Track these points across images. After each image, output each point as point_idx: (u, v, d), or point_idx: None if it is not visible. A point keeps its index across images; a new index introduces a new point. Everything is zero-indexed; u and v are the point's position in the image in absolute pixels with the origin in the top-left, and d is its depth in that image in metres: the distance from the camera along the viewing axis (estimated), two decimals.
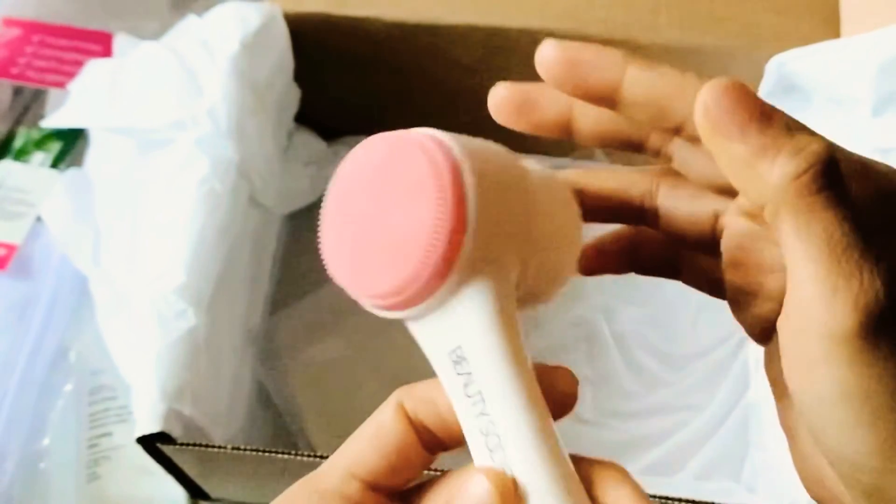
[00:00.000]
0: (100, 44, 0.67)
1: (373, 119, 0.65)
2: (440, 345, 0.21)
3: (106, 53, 0.66)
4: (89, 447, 0.49)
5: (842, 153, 0.21)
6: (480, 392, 0.21)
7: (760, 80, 0.52)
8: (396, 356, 0.24)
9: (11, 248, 0.56)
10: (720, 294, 0.26)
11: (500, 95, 0.24)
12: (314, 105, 0.61)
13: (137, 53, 0.53)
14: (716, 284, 0.26)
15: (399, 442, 0.22)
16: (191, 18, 0.54)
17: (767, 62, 0.51)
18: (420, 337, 0.22)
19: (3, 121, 0.64)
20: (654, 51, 0.54)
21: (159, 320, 0.44)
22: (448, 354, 0.21)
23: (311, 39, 0.57)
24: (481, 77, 0.59)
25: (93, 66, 0.54)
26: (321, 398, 0.55)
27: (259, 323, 0.56)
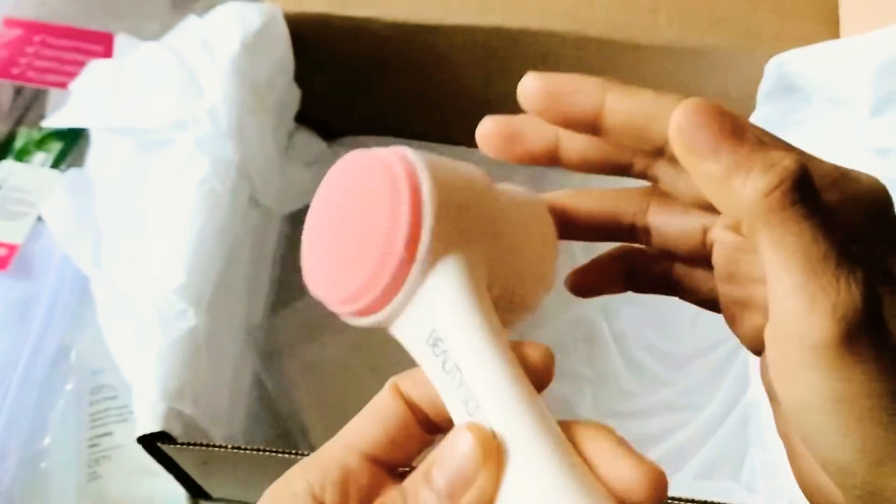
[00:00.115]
0: (101, 44, 0.67)
1: (373, 119, 0.66)
2: (418, 335, 0.22)
3: (107, 54, 0.66)
4: (90, 447, 0.50)
5: (818, 164, 0.21)
6: (456, 364, 0.21)
7: (760, 80, 0.52)
8: (396, 356, 0.24)
9: (12, 248, 0.56)
10: (716, 308, 0.27)
11: (487, 129, 0.25)
12: (314, 105, 0.61)
13: (138, 54, 0.53)
14: (711, 298, 0.27)
15: (396, 417, 0.23)
16: (191, 19, 0.54)
17: (767, 62, 0.51)
18: (401, 335, 0.23)
19: (4, 121, 0.64)
20: (654, 51, 0.54)
21: (160, 320, 0.44)
22: (426, 341, 0.22)
23: (312, 39, 0.57)
24: (481, 77, 0.59)
25: (94, 67, 0.54)
26: (321, 398, 0.55)
27: (259, 323, 0.56)
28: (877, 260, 0.21)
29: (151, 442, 0.41)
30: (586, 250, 0.28)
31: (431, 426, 0.24)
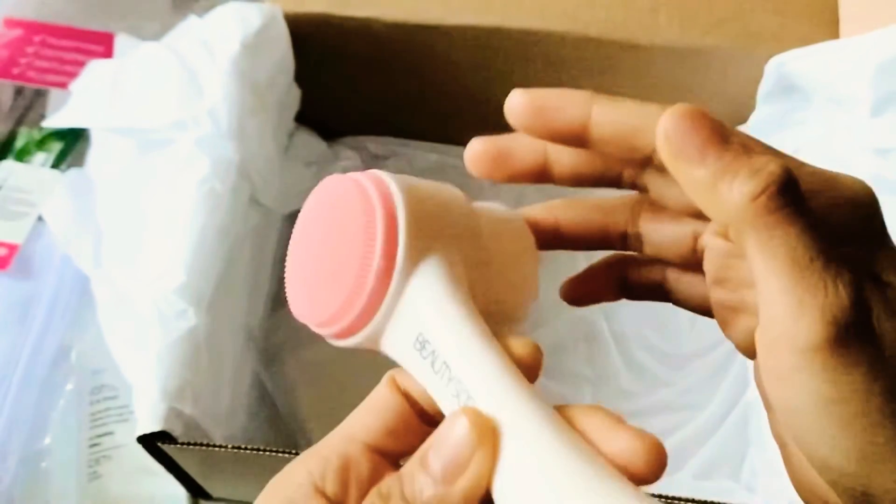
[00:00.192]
0: (101, 44, 0.67)
1: (373, 119, 0.66)
2: (405, 342, 0.22)
3: (107, 54, 0.66)
4: (90, 446, 0.50)
5: (803, 168, 0.22)
6: (445, 362, 0.22)
7: (760, 80, 0.52)
8: None
9: (13, 248, 0.56)
10: (710, 313, 0.27)
11: (475, 150, 0.25)
12: (314, 105, 0.61)
13: (138, 54, 0.53)
14: (704, 304, 0.27)
15: (394, 410, 0.23)
16: (191, 19, 0.54)
17: (767, 62, 0.51)
18: (388, 348, 0.23)
19: (5, 121, 0.64)
20: (654, 51, 0.54)
21: (160, 320, 0.44)
22: (412, 346, 0.22)
23: (312, 39, 0.57)
24: (481, 77, 0.59)
25: (94, 67, 0.54)
26: (321, 398, 0.55)
27: (259, 322, 0.56)
28: (864, 262, 0.21)
29: (152, 442, 0.41)
30: (589, 257, 0.28)
31: (429, 419, 0.24)
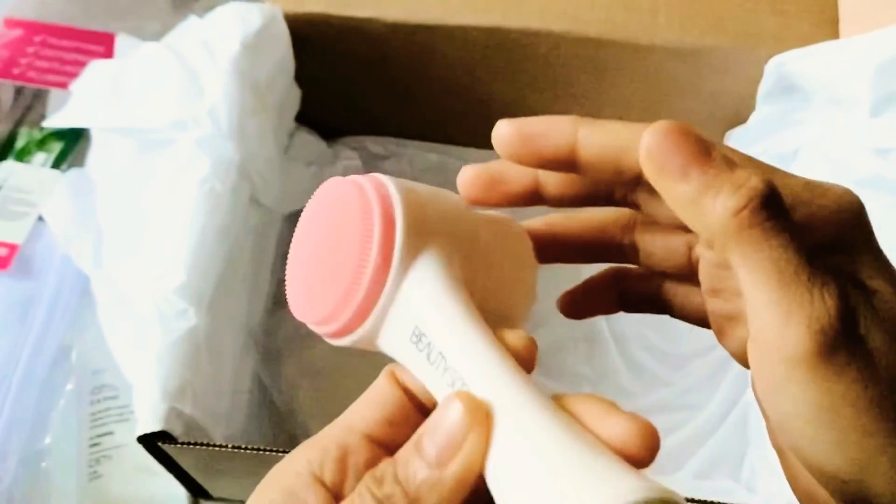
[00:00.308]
0: (101, 44, 0.67)
1: (373, 119, 0.66)
2: (402, 336, 0.23)
3: (107, 54, 0.66)
4: (91, 446, 0.50)
5: (786, 180, 0.22)
6: (440, 352, 0.22)
7: (760, 80, 0.52)
8: None
9: (13, 248, 0.56)
10: (706, 323, 0.27)
11: (467, 177, 0.25)
12: (314, 105, 0.61)
13: (139, 54, 0.53)
14: (701, 314, 0.27)
15: (393, 399, 0.24)
16: (192, 19, 0.54)
17: (767, 62, 0.51)
18: (385, 344, 0.23)
19: (5, 121, 0.64)
20: (654, 51, 0.54)
21: (160, 320, 0.44)
22: (409, 339, 0.22)
23: (312, 40, 0.57)
24: (481, 77, 0.59)
25: (94, 67, 0.54)
26: (321, 398, 0.55)
27: (259, 322, 0.56)
28: (850, 270, 0.21)
29: (152, 441, 0.41)
30: (591, 269, 0.29)
31: (427, 412, 0.24)
